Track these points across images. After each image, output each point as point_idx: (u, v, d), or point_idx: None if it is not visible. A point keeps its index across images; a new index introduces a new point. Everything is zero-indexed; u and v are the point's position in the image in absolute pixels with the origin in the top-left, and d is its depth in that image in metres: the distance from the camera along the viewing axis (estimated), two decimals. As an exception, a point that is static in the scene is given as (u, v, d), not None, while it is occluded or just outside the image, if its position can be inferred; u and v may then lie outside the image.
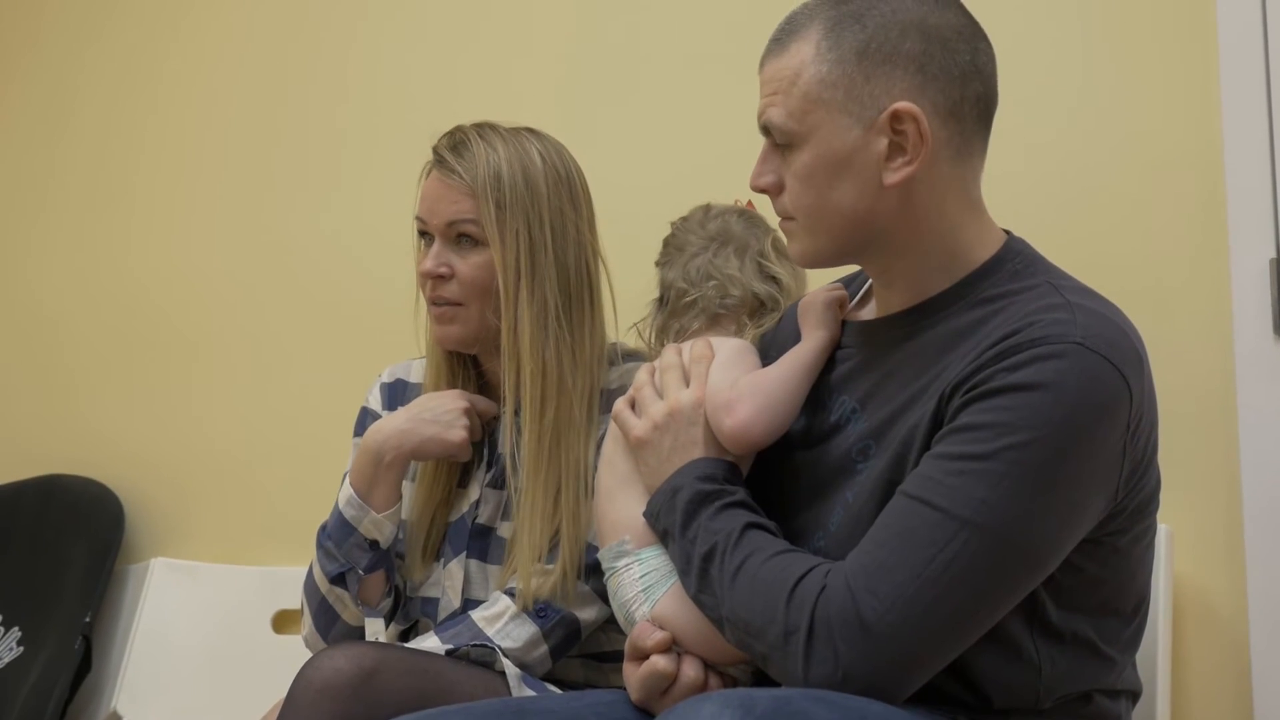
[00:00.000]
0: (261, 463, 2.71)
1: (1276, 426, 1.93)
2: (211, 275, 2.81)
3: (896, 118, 1.39)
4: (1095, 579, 1.40)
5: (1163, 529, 1.87)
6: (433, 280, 1.84)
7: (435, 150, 1.87)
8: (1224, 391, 1.97)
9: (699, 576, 1.42)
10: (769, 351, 1.62)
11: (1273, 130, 1.97)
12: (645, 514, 1.52)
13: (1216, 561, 1.96)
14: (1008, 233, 1.50)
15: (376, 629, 1.83)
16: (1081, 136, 2.09)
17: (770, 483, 1.55)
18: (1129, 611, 1.46)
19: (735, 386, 1.51)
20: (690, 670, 1.47)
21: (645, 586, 1.50)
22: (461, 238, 1.84)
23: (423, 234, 1.88)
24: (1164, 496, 1.48)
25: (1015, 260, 1.45)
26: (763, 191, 1.48)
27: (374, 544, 1.82)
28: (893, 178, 1.40)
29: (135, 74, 2.93)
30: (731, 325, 1.65)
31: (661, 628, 1.48)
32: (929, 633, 1.29)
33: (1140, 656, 1.53)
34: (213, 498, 2.75)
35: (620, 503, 1.56)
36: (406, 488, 1.91)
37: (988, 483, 1.29)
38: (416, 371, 1.99)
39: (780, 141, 1.45)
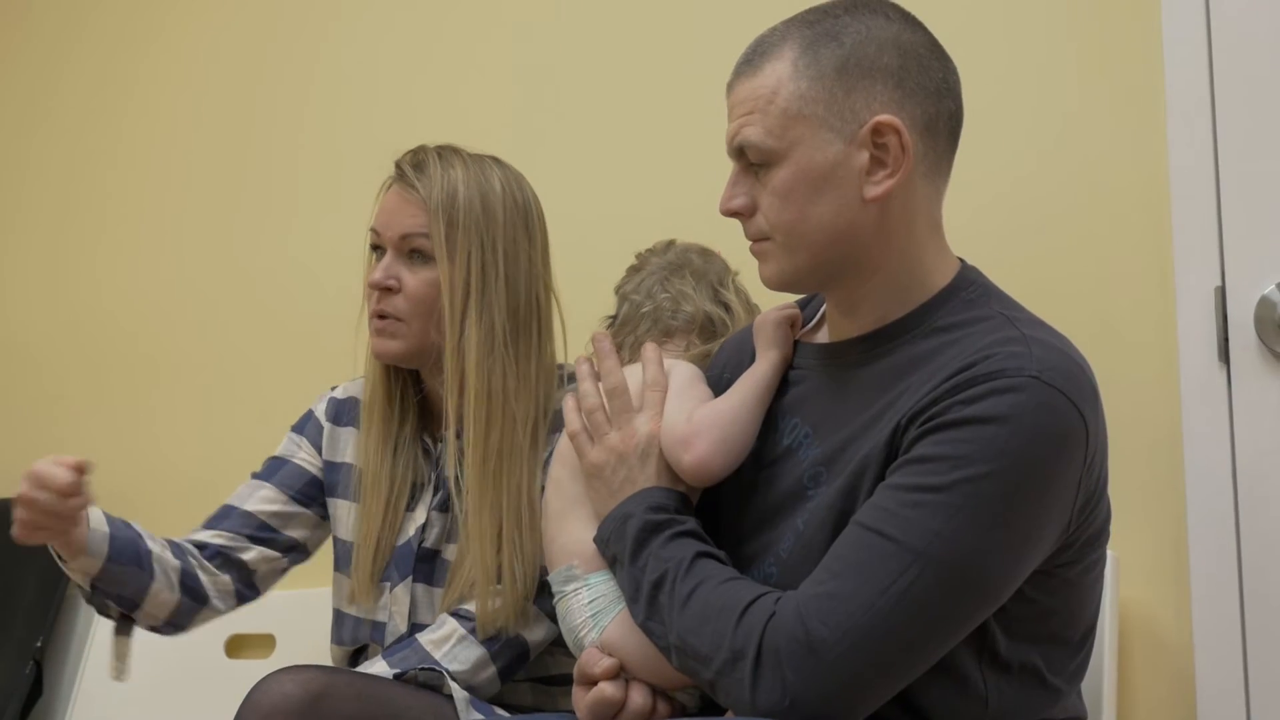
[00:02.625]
0: (220, 486, 2.68)
1: (1222, 452, 1.95)
2: (173, 298, 2.80)
3: (878, 130, 1.39)
4: (1046, 609, 1.40)
5: (1108, 555, 1.89)
6: (379, 292, 1.85)
7: (397, 165, 1.88)
8: (1170, 418, 1.99)
9: (648, 604, 1.42)
10: (722, 370, 1.62)
11: (1218, 159, 1.99)
12: (595, 540, 1.52)
13: (1162, 587, 1.97)
14: (961, 260, 1.51)
15: None
16: (1027, 165, 2.11)
17: (720, 504, 1.55)
18: (1076, 640, 1.46)
19: (691, 420, 1.50)
20: (638, 697, 1.47)
21: (594, 612, 1.50)
22: (413, 253, 1.84)
23: (375, 247, 1.88)
24: (1111, 522, 1.49)
25: (969, 289, 1.46)
26: (734, 214, 1.47)
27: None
28: (874, 191, 1.40)
29: (102, 100, 2.92)
30: (682, 342, 1.66)
31: (609, 654, 1.48)
32: (879, 662, 1.29)
33: (1086, 683, 1.53)
34: (171, 521, 2.72)
35: (570, 526, 1.56)
36: (345, 507, 1.91)
37: (943, 515, 1.29)
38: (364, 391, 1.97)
39: (756, 160, 1.43)
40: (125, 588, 1.80)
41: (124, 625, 1.85)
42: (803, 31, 1.43)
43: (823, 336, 1.57)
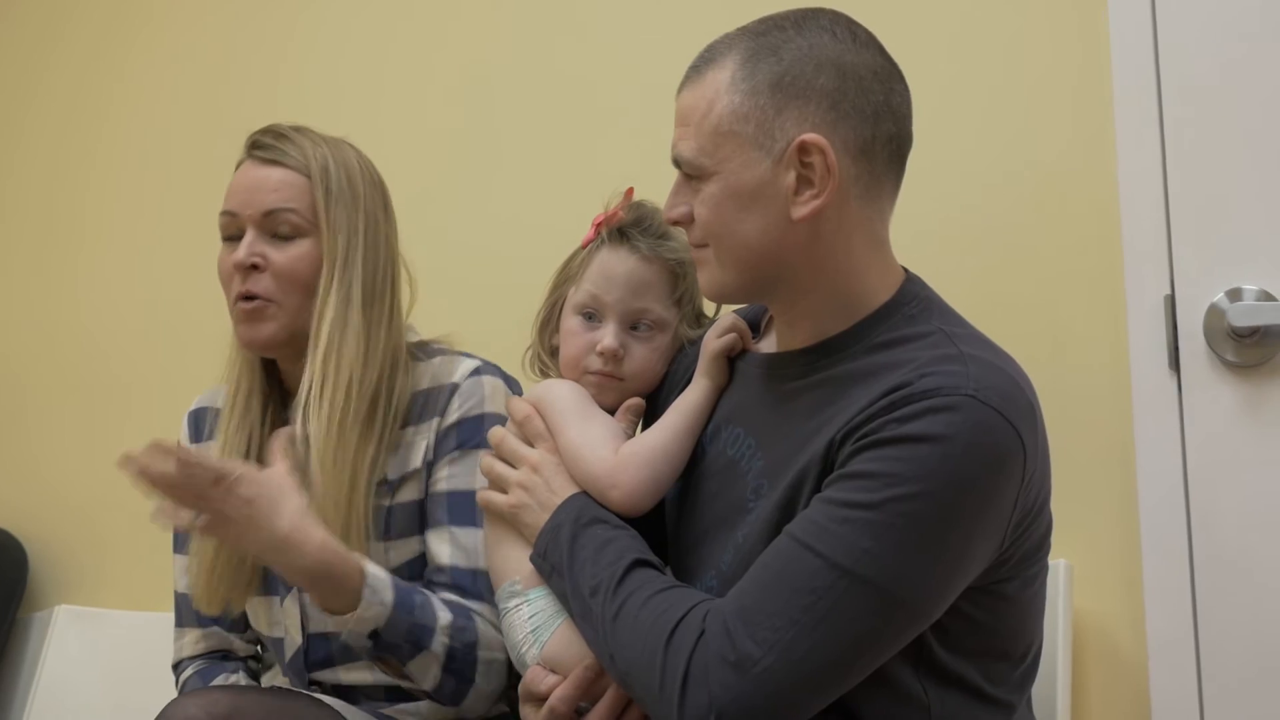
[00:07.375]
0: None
1: (1174, 460, 1.95)
2: (148, 317, 2.79)
3: (804, 149, 1.38)
4: (982, 624, 1.39)
5: (1061, 564, 1.88)
6: (244, 273, 1.77)
7: (256, 141, 1.82)
8: (1121, 426, 1.98)
9: (586, 613, 1.43)
10: (677, 377, 1.63)
11: (1166, 169, 2.00)
12: (532, 556, 1.53)
13: (1116, 597, 1.96)
14: (906, 271, 1.50)
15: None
16: (977, 177, 2.11)
17: (667, 511, 1.56)
18: (1018, 655, 1.45)
19: (618, 455, 1.52)
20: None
21: (534, 628, 1.51)
22: (279, 228, 1.78)
23: (228, 235, 1.81)
24: (1063, 531, 1.48)
25: (911, 304, 1.45)
26: (676, 224, 1.49)
27: None
28: (800, 211, 1.39)
29: (77, 121, 2.92)
30: None
31: (551, 669, 1.48)
32: (805, 678, 1.28)
33: (1039, 694, 1.52)
34: (123, 542, 2.70)
35: (508, 548, 1.58)
36: None
37: (871, 533, 1.28)
38: (224, 397, 1.89)
39: (690, 173, 1.44)
40: None
41: None
42: (748, 42, 1.43)
43: (769, 345, 1.56)
